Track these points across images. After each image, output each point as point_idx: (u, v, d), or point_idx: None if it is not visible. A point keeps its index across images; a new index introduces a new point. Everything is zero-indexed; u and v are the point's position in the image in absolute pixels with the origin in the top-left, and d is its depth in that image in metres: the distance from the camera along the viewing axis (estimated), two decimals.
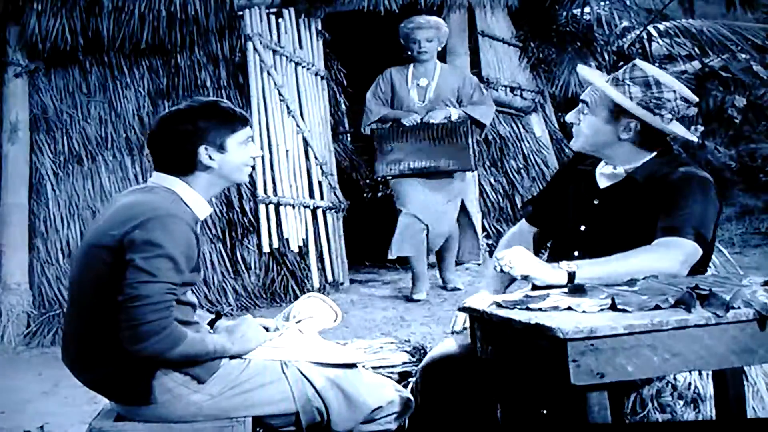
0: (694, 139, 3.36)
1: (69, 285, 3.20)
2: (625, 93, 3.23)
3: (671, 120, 3.26)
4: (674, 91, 3.22)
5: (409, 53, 7.11)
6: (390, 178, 7.17)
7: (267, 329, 3.29)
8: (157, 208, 2.95)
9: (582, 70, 3.41)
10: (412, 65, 7.17)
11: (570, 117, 3.37)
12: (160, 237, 2.88)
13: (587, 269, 2.94)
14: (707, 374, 3.35)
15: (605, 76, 3.40)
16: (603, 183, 3.35)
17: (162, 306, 2.84)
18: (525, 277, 2.97)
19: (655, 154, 3.29)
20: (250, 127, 3.22)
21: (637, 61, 3.34)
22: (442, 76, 7.18)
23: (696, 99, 3.30)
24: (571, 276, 2.91)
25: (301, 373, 3.11)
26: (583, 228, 3.30)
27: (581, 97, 3.35)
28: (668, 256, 2.98)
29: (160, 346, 2.84)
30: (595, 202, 3.32)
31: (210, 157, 3.09)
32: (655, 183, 3.19)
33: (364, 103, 7.25)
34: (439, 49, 7.18)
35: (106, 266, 2.92)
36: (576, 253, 3.20)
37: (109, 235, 2.93)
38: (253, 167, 3.29)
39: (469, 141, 6.98)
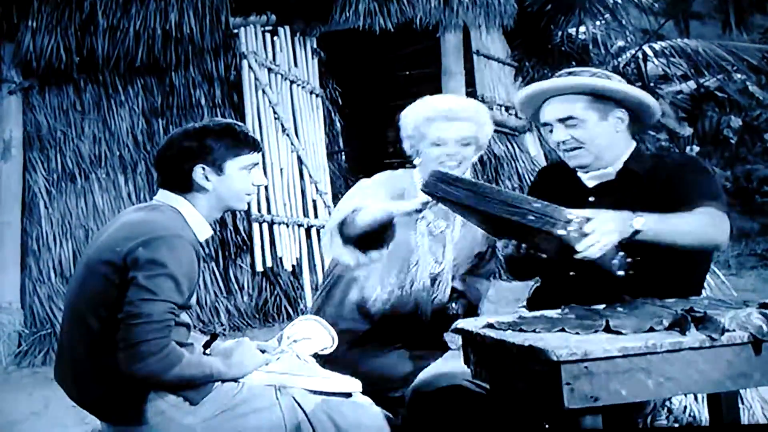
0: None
1: (66, 300, 3.15)
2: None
3: None
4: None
5: (413, 160, 3.80)
6: None
7: (264, 351, 3.25)
8: (164, 227, 2.92)
9: (534, 86, 3.27)
10: (417, 181, 3.73)
11: (559, 136, 3.20)
12: (164, 257, 2.85)
13: (652, 222, 2.80)
14: (702, 397, 3.33)
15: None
16: (591, 183, 3.27)
17: (162, 326, 2.81)
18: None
19: (634, 146, 3.25)
20: (259, 153, 3.15)
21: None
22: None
23: None
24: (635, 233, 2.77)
25: (295, 400, 3.08)
26: None
27: (559, 116, 3.19)
28: (720, 226, 2.94)
29: (157, 367, 2.81)
30: (591, 199, 3.21)
31: (206, 178, 3.05)
32: (661, 173, 3.15)
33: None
34: (476, 159, 3.80)
35: (107, 282, 2.89)
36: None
37: (114, 251, 2.89)
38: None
39: None
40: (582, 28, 9.33)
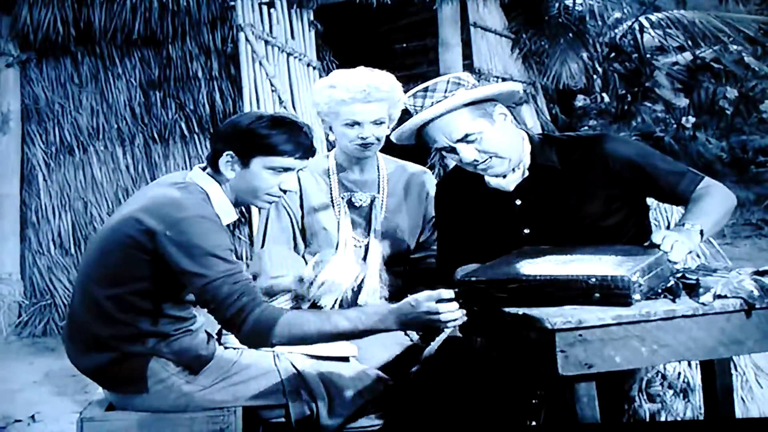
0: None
1: (80, 267, 3.14)
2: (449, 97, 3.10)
3: None
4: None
5: (330, 141, 3.93)
6: None
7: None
8: (188, 207, 2.88)
9: (413, 121, 3.13)
10: (333, 161, 3.86)
11: (470, 157, 3.10)
12: (195, 237, 2.82)
13: (703, 221, 2.89)
14: (696, 364, 3.36)
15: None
16: (510, 186, 3.23)
17: (234, 299, 2.79)
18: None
19: (525, 135, 3.25)
20: (302, 160, 3.05)
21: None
22: (394, 183, 3.84)
23: None
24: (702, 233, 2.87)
25: (293, 365, 3.12)
26: (527, 231, 3.21)
27: (455, 138, 3.09)
28: (727, 192, 3.09)
29: (249, 335, 2.81)
30: (518, 202, 3.23)
31: (231, 167, 3.02)
32: (587, 159, 3.16)
33: None
34: (389, 131, 3.60)
35: (123, 254, 2.89)
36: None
37: (136, 228, 2.88)
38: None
39: None
40: (579, 0, 9.31)
